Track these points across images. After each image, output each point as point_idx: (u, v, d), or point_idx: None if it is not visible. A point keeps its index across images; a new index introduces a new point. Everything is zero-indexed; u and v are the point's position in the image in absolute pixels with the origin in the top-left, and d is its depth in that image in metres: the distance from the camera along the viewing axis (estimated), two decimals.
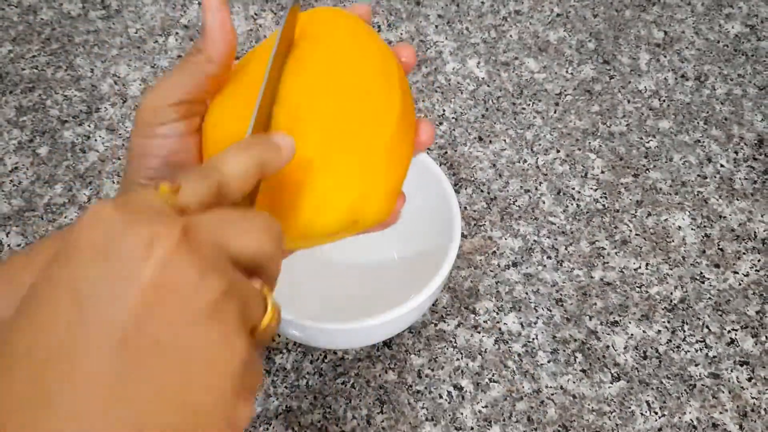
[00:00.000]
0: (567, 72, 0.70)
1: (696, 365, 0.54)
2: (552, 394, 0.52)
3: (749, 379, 0.53)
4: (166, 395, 0.23)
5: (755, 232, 0.60)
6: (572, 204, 0.61)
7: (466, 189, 0.62)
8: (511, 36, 0.72)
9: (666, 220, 0.61)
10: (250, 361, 0.25)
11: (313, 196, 0.32)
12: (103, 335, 0.23)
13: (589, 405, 0.51)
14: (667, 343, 0.55)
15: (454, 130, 0.65)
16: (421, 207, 0.54)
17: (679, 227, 0.61)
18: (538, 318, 0.55)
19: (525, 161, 0.64)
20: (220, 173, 0.27)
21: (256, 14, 0.72)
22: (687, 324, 0.56)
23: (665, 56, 0.72)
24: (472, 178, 0.62)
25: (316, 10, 0.36)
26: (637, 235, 0.60)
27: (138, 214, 0.24)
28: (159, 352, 0.23)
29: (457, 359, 0.53)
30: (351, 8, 0.37)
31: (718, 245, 0.60)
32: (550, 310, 0.56)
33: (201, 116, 0.35)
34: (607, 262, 0.58)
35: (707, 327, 0.56)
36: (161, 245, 0.23)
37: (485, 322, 0.55)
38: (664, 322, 0.56)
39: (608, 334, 0.55)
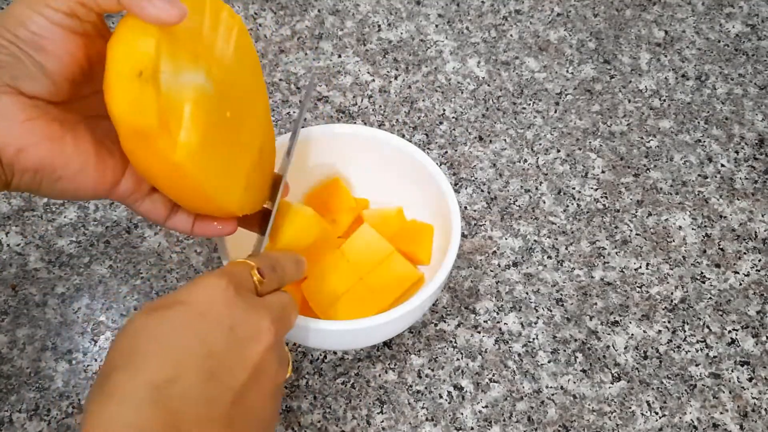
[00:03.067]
0: (567, 71, 0.70)
1: (696, 365, 0.54)
2: (552, 394, 0.52)
3: (750, 379, 0.53)
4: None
5: (756, 232, 0.60)
6: (573, 204, 0.61)
7: (466, 189, 0.62)
8: (511, 35, 0.72)
9: (666, 219, 0.61)
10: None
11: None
12: (225, 389, 0.33)
13: (589, 405, 0.51)
14: (668, 343, 0.55)
15: (454, 129, 0.65)
16: (420, 207, 0.54)
17: (680, 227, 0.60)
18: (538, 318, 0.55)
19: (525, 161, 0.64)
20: (285, 277, 0.41)
21: (255, 14, 0.72)
22: (687, 324, 0.55)
23: (666, 56, 0.71)
24: (473, 178, 0.62)
25: None
26: (637, 234, 0.60)
27: (254, 303, 0.36)
28: (250, 413, 0.34)
29: (458, 359, 0.53)
30: None
31: (719, 245, 0.60)
32: (551, 310, 0.56)
33: (91, 24, 0.36)
34: (608, 262, 0.58)
35: (708, 327, 0.55)
36: (267, 337, 0.35)
37: (485, 322, 0.55)
38: (664, 322, 0.55)
39: (609, 334, 0.55)
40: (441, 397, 0.51)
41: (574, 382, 0.52)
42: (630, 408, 0.51)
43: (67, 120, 0.37)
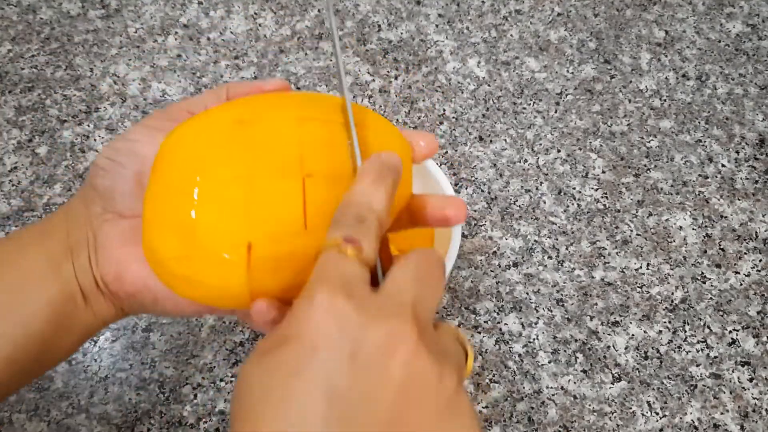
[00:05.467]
0: (568, 71, 0.70)
1: (697, 365, 0.53)
2: (553, 395, 0.52)
3: (750, 380, 0.53)
4: None
5: (756, 232, 0.60)
6: (573, 204, 0.61)
7: (466, 189, 0.62)
8: (511, 35, 0.72)
9: (667, 220, 0.61)
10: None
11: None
12: (364, 425, 0.24)
13: (590, 405, 0.51)
14: (668, 343, 0.54)
15: (454, 129, 0.65)
16: None
17: (680, 227, 0.60)
18: (538, 318, 0.55)
19: (526, 161, 0.64)
20: (375, 213, 0.29)
21: (255, 14, 0.72)
22: (688, 324, 0.55)
23: (666, 56, 0.71)
24: (473, 178, 0.62)
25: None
26: (638, 235, 0.60)
27: (365, 305, 0.26)
28: None
29: None
30: (267, 82, 0.37)
31: (720, 245, 0.60)
32: (551, 311, 0.55)
33: None
34: (608, 262, 0.58)
35: (708, 327, 0.55)
36: (404, 344, 0.25)
37: (486, 322, 0.55)
38: (665, 322, 0.55)
39: (609, 335, 0.55)
40: None
41: (575, 383, 0.52)
42: (630, 408, 0.51)
43: None
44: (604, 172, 0.63)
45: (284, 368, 0.26)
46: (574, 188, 0.62)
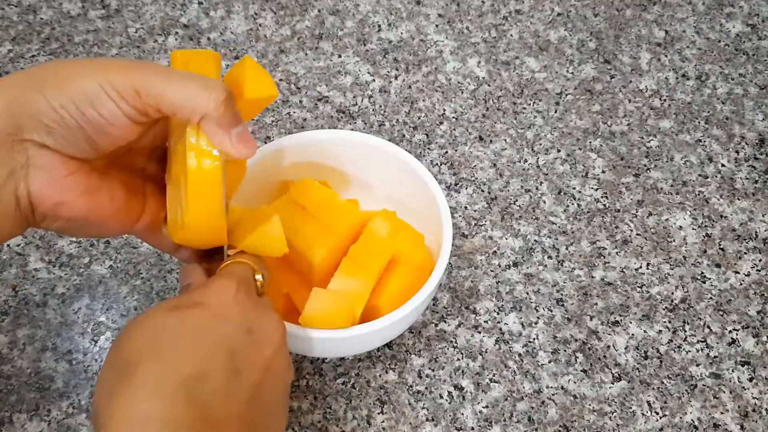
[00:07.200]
0: (568, 71, 0.70)
1: (697, 365, 0.54)
2: (553, 395, 0.52)
3: (750, 380, 0.53)
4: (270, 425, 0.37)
5: (756, 232, 0.60)
6: (573, 204, 0.61)
7: (466, 189, 0.62)
8: (511, 35, 0.72)
9: (667, 219, 0.61)
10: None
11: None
12: (245, 386, 0.34)
13: (590, 405, 0.51)
14: (668, 343, 0.54)
15: (454, 129, 0.65)
16: (410, 210, 0.53)
17: (680, 227, 0.60)
18: (538, 318, 0.55)
19: (526, 161, 0.64)
20: (268, 281, 0.41)
21: (255, 14, 0.72)
22: (688, 324, 0.55)
23: (666, 55, 0.71)
24: (473, 178, 0.62)
25: None
26: (638, 234, 0.60)
27: (260, 304, 0.38)
28: (265, 411, 0.36)
29: (458, 359, 0.53)
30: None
31: (719, 245, 0.60)
32: (551, 310, 0.56)
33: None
34: (608, 262, 0.58)
35: (708, 327, 0.55)
36: (277, 339, 0.37)
37: (486, 322, 0.55)
38: (665, 322, 0.55)
39: (609, 334, 0.55)
40: (441, 397, 0.51)
41: (575, 382, 0.52)
42: (630, 408, 0.51)
43: (102, 169, 0.38)
44: (604, 171, 0.63)
45: (196, 322, 0.35)
46: (574, 188, 0.62)
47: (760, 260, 0.59)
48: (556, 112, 0.67)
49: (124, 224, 0.40)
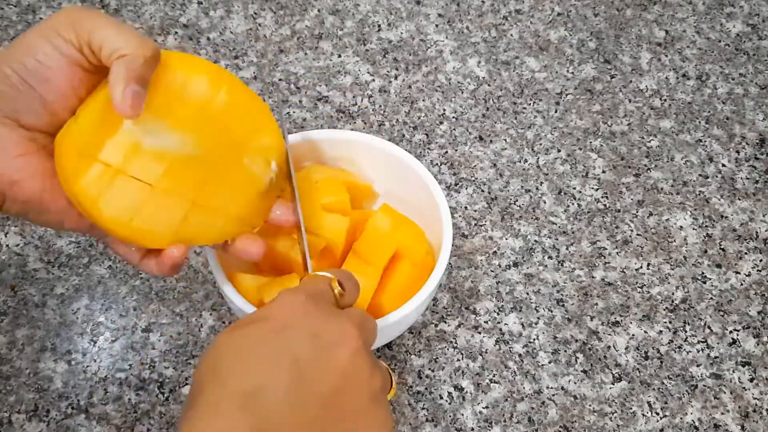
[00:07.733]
0: (568, 71, 0.70)
1: (697, 366, 0.53)
2: (553, 395, 0.52)
3: (751, 380, 0.53)
4: None
5: (757, 232, 0.60)
6: (573, 204, 0.61)
7: (466, 189, 0.62)
8: (511, 35, 0.72)
9: (667, 219, 0.61)
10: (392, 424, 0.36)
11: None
12: (314, 394, 0.32)
13: (590, 406, 0.51)
14: (669, 343, 0.54)
15: (454, 129, 0.65)
16: (411, 210, 0.53)
17: (681, 227, 0.60)
18: (539, 318, 0.55)
19: (526, 161, 0.63)
20: (356, 293, 0.39)
21: (255, 14, 0.72)
22: (688, 324, 0.55)
23: (666, 55, 0.71)
24: (473, 178, 0.62)
25: None
26: (638, 235, 0.60)
27: (331, 311, 0.35)
28: (343, 420, 0.33)
29: (458, 360, 0.53)
30: None
31: (720, 245, 0.59)
32: (551, 311, 0.55)
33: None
34: (609, 262, 0.58)
35: (709, 327, 0.55)
36: (353, 341, 0.34)
37: (486, 322, 0.55)
38: (665, 322, 0.55)
39: (609, 335, 0.54)
40: (441, 397, 0.51)
41: (575, 383, 0.52)
42: (631, 408, 0.51)
43: None
44: (604, 171, 0.63)
45: (257, 337, 0.33)
46: (575, 188, 0.62)
47: (760, 260, 0.59)
48: (556, 112, 0.67)
49: (81, 219, 0.39)
